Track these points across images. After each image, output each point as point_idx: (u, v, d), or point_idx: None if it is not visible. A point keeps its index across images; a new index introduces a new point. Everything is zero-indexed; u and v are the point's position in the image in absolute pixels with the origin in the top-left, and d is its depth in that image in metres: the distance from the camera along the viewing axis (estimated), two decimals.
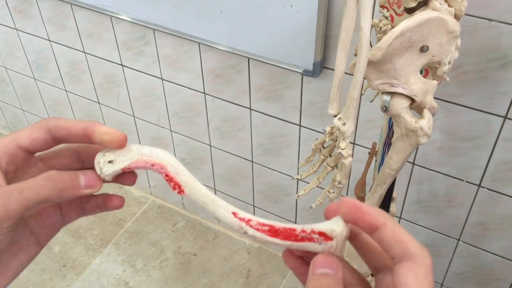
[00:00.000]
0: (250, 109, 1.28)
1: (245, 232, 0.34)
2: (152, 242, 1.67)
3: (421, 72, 0.74)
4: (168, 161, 0.36)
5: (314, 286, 0.31)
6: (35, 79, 1.73)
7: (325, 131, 0.69)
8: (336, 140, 0.68)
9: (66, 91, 1.67)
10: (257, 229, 0.34)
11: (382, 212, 0.31)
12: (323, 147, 0.74)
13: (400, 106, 0.69)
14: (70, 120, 0.36)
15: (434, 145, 1.06)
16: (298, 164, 1.32)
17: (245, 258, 1.61)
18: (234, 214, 0.34)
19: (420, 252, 0.30)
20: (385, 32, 0.81)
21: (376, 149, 0.93)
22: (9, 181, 0.35)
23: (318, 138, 0.75)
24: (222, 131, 1.40)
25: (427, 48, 0.65)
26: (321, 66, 1.06)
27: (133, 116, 1.57)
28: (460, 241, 1.18)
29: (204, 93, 1.33)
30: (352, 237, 0.35)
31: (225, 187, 1.56)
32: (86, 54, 1.49)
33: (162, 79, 1.39)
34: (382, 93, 0.71)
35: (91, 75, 1.55)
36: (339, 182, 0.68)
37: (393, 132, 0.88)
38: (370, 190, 0.99)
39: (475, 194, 1.08)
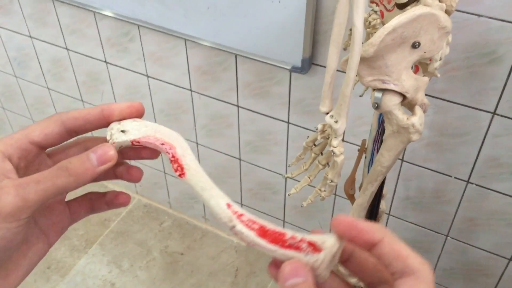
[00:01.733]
0: (237, 106, 1.27)
1: (233, 226, 0.32)
2: (139, 242, 1.65)
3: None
4: (179, 143, 0.36)
5: None
6: (16, 77, 1.69)
7: (316, 129, 0.68)
8: (328, 138, 0.67)
9: (48, 88, 1.64)
10: (246, 225, 0.32)
11: (378, 226, 0.30)
12: (314, 145, 0.73)
13: (392, 103, 0.68)
14: (81, 109, 0.36)
15: (423, 141, 1.06)
16: (287, 161, 1.31)
17: (233, 257, 1.60)
18: (228, 205, 0.33)
19: (421, 267, 0.29)
20: (374, 27, 0.80)
21: (366, 146, 0.92)
22: (20, 177, 0.34)
23: (308, 135, 0.74)
24: (209, 129, 1.39)
25: (419, 44, 0.64)
26: (310, 62, 1.05)
27: None
28: (448, 237, 1.19)
29: (190, 90, 1.31)
30: (345, 259, 0.33)
31: None
32: (69, 51, 1.46)
33: (148, 76, 1.37)
34: (373, 89, 0.70)
35: (74, 72, 1.52)
36: (331, 181, 0.67)
37: (383, 129, 0.87)
38: (359, 188, 0.98)
39: (464, 190, 1.08)
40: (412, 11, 0.61)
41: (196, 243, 1.65)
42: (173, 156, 0.35)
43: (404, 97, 0.69)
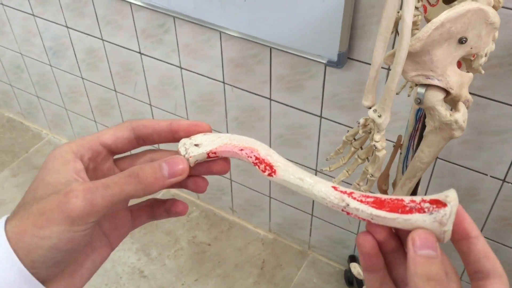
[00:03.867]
0: (270, 99, 1.27)
1: (347, 205, 0.31)
2: (167, 231, 1.67)
3: None
4: (258, 145, 0.35)
5: (423, 273, 0.28)
6: (51, 66, 1.72)
7: (358, 123, 0.68)
8: (370, 133, 0.67)
9: (82, 78, 1.67)
10: (361, 201, 0.31)
11: (475, 224, 0.31)
12: (354, 139, 0.73)
13: (435, 98, 0.67)
14: (152, 119, 0.36)
15: (459, 138, 1.04)
16: (318, 156, 1.31)
17: (259, 249, 1.61)
18: (334, 188, 0.32)
19: (504, 273, 0.30)
20: (415, 23, 0.79)
21: (401, 142, 0.92)
22: (89, 178, 0.34)
23: (348, 130, 0.74)
24: (240, 121, 1.39)
25: (466, 39, 0.64)
26: (346, 57, 1.05)
27: (150, 104, 1.57)
28: None
29: (223, 82, 1.32)
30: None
31: (241, 177, 1.56)
32: (104, 41, 1.49)
33: (181, 68, 1.38)
34: (416, 85, 0.69)
35: (108, 62, 1.54)
36: (372, 175, 0.67)
37: (420, 125, 0.87)
38: (393, 184, 0.98)
39: (499, 189, 1.07)
40: (461, 6, 0.61)
41: (223, 234, 1.66)
42: (257, 158, 0.34)
43: (447, 93, 0.68)
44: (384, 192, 0.99)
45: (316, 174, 1.36)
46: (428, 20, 0.72)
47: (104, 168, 0.36)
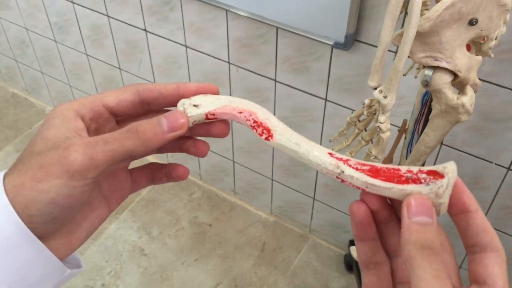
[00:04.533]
0: (275, 80, 1.26)
1: (342, 172, 0.30)
2: (168, 211, 1.67)
3: None
4: (258, 108, 0.34)
5: (418, 241, 0.28)
6: (56, 42, 1.71)
7: (363, 104, 0.67)
8: (374, 114, 0.66)
9: (87, 55, 1.66)
10: (356, 169, 0.30)
11: (474, 198, 0.30)
12: (359, 121, 0.72)
13: (442, 81, 0.66)
14: (158, 83, 0.36)
15: (464, 125, 1.03)
16: (322, 138, 1.30)
17: (260, 231, 1.61)
18: (330, 154, 0.32)
19: (502, 247, 0.29)
20: (425, 4, 0.78)
21: (406, 127, 0.91)
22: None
23: (353, 111, 0.73)
24: None
25: (476, 21, 0.62)
26: (353, 39, 1.03)
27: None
28: None
29: (228, 62, 1.31)
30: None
31: (244, 159, 1.55)
32: (109, 18, 1.47)
33: (186, 47, 1.37)
34: (424, 66, 0.68)
35: (113, 39, 1.53)
36: (375, 157, 0.67)
37: (426, 110, 0.86)
38: None
39: (504, 177, 1.06)
40: None
41: (224, 215, 1.66)
42: (255, 122, 0.34)
43: (455, 75, 0.67)
44: None
45: None
46: (438, 1, 0.71)
47: (106, 129, 0.36)
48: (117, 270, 1.52)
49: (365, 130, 0.72)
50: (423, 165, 0.87)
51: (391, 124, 1.12)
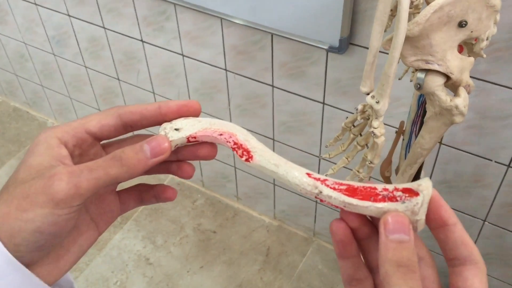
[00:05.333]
0: (272, 86, 1.26)
1: (320, 192, 0.31)
2: (172, 219, 1.68)
3: None
4: (237, 130, 0.35)
5: (394, 258, 0.28)
6: (54, 55, 1.72)
7: (356, 110, 0.67)
8: (368, 119, 0.66)
9: (86, 67, 1.67)
10: (334, 188, 0.31)
11: (453, 211, 0.30)
12: (353, 126, 0.72)
13: (435, 83, 0.66)
14: (139, 104, 0.36)
15: (463, 124, 1.03)
16: (321, 142, 1.30)
17: (264, 236, 1.61)
18: (308, 174, 0.32)
19: (481, 259, 0.30)
20: (417, 7, 0.78)
21: (404, 128, 0.91)
22: (74, 164, 0.34)
23: (347, 116, 0.73)
24: (243, 109, 1.39)
25: (466, 23, 0.62)
26: (348, 42, 1.03)
27: (153, 92, 1.56)
28: (486, 222, 1.16)
29: (225, 69, 1.31)
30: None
31: (244, 166, 1.55)
32: (106, 30, 1.48)
33: (183, 55, 1.37)
34: (416, 70, 0.68)
35: (110, 51, 1.54)
36: (371, 162, 0.67)
37: (422, 111, 0.86)
38: (396, 170, 0.97)
39: (504, 174, 1.05)
40: None
41: (228, 221, 1.67)
42: (235, 143, 0.34)
43: (448, 78, 0.67)
44: (387, 179, 0.98)
45: (319, 161, 1.35)
46: (428, 4, 0.71)
47: (91, 154, 0.36)
48: (123, 280, 1.52)
49: (360, 135, 0.72)
50: (421, 166, 0.88)
51: (389, 126, 1.13)
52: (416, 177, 0.87)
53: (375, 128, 0.63)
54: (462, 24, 0.62)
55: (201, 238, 1.62)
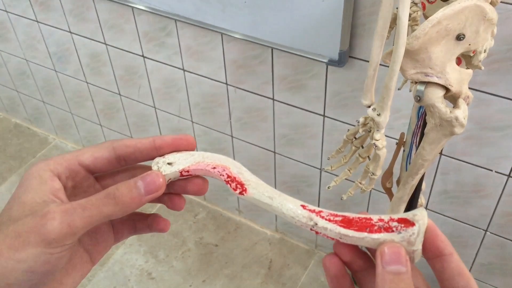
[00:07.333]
0: (273, 99, 1.28)
1: (315, 224, 0.31)
2: (174, 233, 1.68)
3: None
4: (230, 163, 0.35)
5: None
6: (56, 71, 1.74)
7: (358, 122, 0.68)
8: (370, 131, 0.67)
9: (87, 83, 1.68)
10: (329, 220, 0.31)
11: (449, 241, 0.30)
12: (355, 138, 0.73)
13: (435, 96, 0.67)
14: (134, 138, 0.36)
15: (462, 134, 1.04)
16: (322, 155, 1.31)
17: (266, 249, 1.61)
18: (303, 206, 0.32)
19: None
20: (415, 20, 0.79)
21: (404, 140, 0.92)
22: (67, 197, 0.34)
23: (349, 129, 0.74)
24: (244, 122, 1.40)
25: (464, 36, 0.64)
26: (347, 55, 1.05)
27: (154, 107, 1.57)
28: (487, 232, 1.17)
29: (226, 83, 1.33)
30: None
31: None
32: (107, 46, 1.50)
33: (184, 70, 1.39)
34: (416, 82, 0.69)
35: (112, 66, 1.55)
36: (373, 174, 0.68)
37: (422, 123, 0.87)
38: (397, 181, 0.98)
39: (504, 184, 1.06)
40: (457, 3, 0.61)
41: (230, 235, 1.67)
42: (228, 176, 0.34)
43: (447, 90, 0.68)
44: (388, 190, 0.99)
45: (320, 173, 1.36)
46: (426, 18, 0.72)
47: (84, 186, 0.36)
48: None
49: (362, 147, 0.73)
50: (422, 177, 0.88)
51: (389, 137, 1.14)
52: (418, 187, 0.88)
53: (377, 140, 0.64)
54: (460, 37, 0.63)
55: (203, 251, 1.62)
